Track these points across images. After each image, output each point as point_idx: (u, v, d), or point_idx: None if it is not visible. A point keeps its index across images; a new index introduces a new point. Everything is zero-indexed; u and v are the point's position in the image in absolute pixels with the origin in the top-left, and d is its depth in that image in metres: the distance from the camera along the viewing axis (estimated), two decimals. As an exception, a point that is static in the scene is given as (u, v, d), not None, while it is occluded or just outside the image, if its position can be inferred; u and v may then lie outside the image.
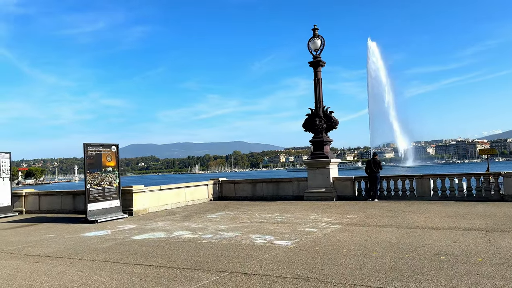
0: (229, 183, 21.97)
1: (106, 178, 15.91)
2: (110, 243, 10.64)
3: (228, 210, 16.77)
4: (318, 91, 19.52)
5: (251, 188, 21.18)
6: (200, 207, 18.74)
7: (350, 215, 13.87)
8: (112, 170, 16.21)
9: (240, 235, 10.77)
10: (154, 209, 17.69)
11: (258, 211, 16.06)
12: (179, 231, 12.00)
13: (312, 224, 12.15)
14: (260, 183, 21.02)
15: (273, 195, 20.47)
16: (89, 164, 15.34)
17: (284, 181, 20.43)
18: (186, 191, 19.87)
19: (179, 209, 18.28)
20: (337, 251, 8.41)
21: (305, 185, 19.51)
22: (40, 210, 18.94)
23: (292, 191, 20.03)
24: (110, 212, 15.76)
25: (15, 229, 14.28)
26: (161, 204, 18.20)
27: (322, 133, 19.29)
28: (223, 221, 13.75)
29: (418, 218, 12.52)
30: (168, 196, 18.65)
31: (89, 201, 15.16)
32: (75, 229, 13.63)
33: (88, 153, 15.33)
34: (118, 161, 16.55)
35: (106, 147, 16.08)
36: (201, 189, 20.92)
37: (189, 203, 19.84)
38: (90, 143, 15.49)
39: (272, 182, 20.73)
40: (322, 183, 18.83)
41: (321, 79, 19.67)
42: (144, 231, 12.43)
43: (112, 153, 16.30)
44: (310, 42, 19.68)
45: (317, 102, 19.51)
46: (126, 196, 16.71)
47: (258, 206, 17.71)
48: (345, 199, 18.66)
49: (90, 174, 15.34)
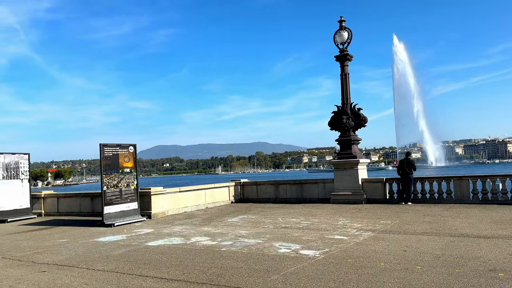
0: (251, 184, 21.08)
1: (124, 180, 15.30)
2: (123, 250, 9.91)
3: (250, 214, 15.87)
4: (345, 86, 18.37)
5: (274, 190, 20.22)
6: (220, 209, 17.92)
7: (383, 220, 12.70)
8: (130, 171, 15.59)
9: (262, 243, 9.83)
10: (173, 212, 16.98)
11: (281, 215, 15.09)
12: (197, 237, 11.17)
13: (341, 231, 11.08)
14: (283, 184, 20.03)
15: (297, 197, 19.44)
16: (105, 165, 14.76)
17: (309, 183, 19.36)
18: (207, 193, 19.10)
19: (199, 211, 17.51)
20: (374, 264, 7.35)
21: (331, 187, 18.39)
22: (59, 212, 18.57)
23: (317, 193, 18.94)
24: (127, 215, 15.14)
25: (31, 233, 13.81)
26: (181, 206, 17.48)
27: (350, 132, 18.13)
28: (244, 225, 12.85)
29: (461, 225, 11.25)
30: (187, 198, 17.92)
31: (106, 203, 14.57)
32: (90, 233, 13.03)
33: (104, 153, 14.75)
34: (136, 162, 15.93)
35: (123, 147, 15.48)
36: (222, 190, 20.11)
37: (209, 206, 19.06)
38: (107, 143, 14.91)
39: (296, 183, 19.70)
40: (350, 185, 17.67)
41: (349, 74, 18.50)
42: (161, 236, 11.67)
43: (130, 154, 15.69)
44: (336, 35, 18.55)
45: (344, 99, 18.36)
46: (144, 198, 16.06)
47: (282, 209, 16.73)
48: (375, 202, 17.44)
49: (107, 176, 14.75)
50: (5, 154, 17.57)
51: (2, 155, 17.46)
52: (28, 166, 18.56)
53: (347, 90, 18.37)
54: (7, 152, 17.65)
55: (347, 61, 18.52)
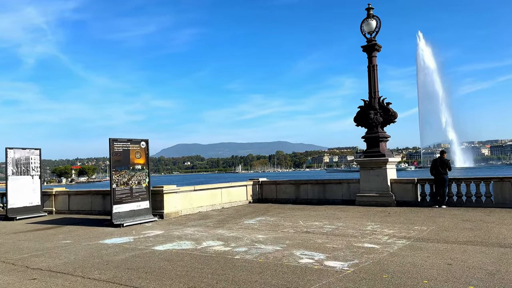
0: (270, 184, 19.93)
1: (135, 177, 14.41)
2: (126, 255, 8.94)
3: (268, 215, 14.73)
4: (372, 79, 16.97)
5: (295, 190, 19.00)
6: (237, 210, 16.84)
7: (417, 226, 11.33)
8: (141, 168, 14.69)
9: (281, 250, 8.67)
10: (187, 212, 16.01)
11: (302, 217, 13.88)
12: (209, 241, 10.11)
13: (371, 238, 9.80)
14: (304, 184, 18.80)
15: (319, 198, 18.17)
16: (115, 161, 13.89)
17: (332, 183, 18.05)
18: (223, 192, 18.06)
19: (214, 212, 16.49)
20: (415, 282, 6.09)
21: (357, 188, 17.04)
22: (70, 210, 17.90)
23: (341, 194, 17.62)
24: (138, 215, 14.25)
25: (35, 232, 13.07)
26: (195, 206, 16.49)
27: (378, 128, 16.73)
28: (262, 229, 11.72)
29: (509, 233, 9.80)
30: (202, 198, 16.93)
31: (115, 202, 13.70)
32: (96, 233, 12.17)
33: (114, 149, 13.89)
34: (148, 159, 15.02)
35: (134, 142, 14.59)
36: (239, 190, 19.04)
37: (225, 205, 18.01)
38: (117, 138, 14.05)
39: (318, 183, 18.43)
40: (377, 185, 16.28)
41: (377, 66, 17.10)
42: (170, 239, 10.67)
43: (142, 150, 14.79)
44: (363, 24, 17.17)
45: (372, 92, 16.96)
46: (156, 197, 15.15)
47: (303, 211, 15.51)
48: (406, 205, 16.00)
49: (117, 173, 13.89)
50: (15, 149, 16.98)
51: (12, 150, 16.88)
52: (40, 162, 17.95)
53: (375, 83, 16.97)
54: (17, 147, 17.07)
55: (375, 52, 17.11)
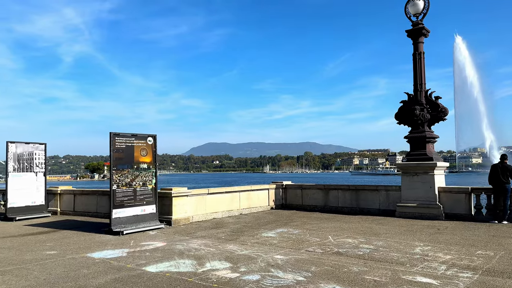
0: (295, 188, 17.74)
1: (139, 177, 12.61)
2: (108, 277, 7.06)
3: (291, 226, 12.56)
4: (419, 69, 14.47)
5: (323, 196, 16.72)
6: (256, 217, 14.77)
7: (480, 249, 8.87)
8: (148, 167, 12.89)
9: (304, 283, 6.52)
10: (200, 218, 14.10)
11: (332, 230, 11.63)
12: (214, 261, 8.08)
13: (423, 267, 7.47)
14: (334, 190, 16.48)
15: (351, 206, 15.82)
16: (116, 158, 12.13)
17: (367, 190, 15.65)
18: (242, 196, 16.03)
19: (230, 219, 14.48)
20: None
21: (397, 196, 14.59)
22: (75, 211, 16.38)
23: (378, 203, 15.20)
24: (142, 221, 12.44)
25: (25, 238, 11.49)
26: (209, 211, 14.55)
27: (424, 126, 14.22)
28: (282, 245, 9.59)
29: None
30: (218, 202, 14.96)
31: (115, 206, 11.94)
32: (89, 243, 10.41)
33: (116, 145, 12.13)
34: (156, 156, 13.20)
35: (140, 138, 12.80)
36: (260, 194, 16.96)
37: (244, 211, 15.98)
38: (119, 133, 12.29)
39: (350, 189, 16.08)
40: (422, 194, 13.78)
41: (424, 53, 14.57)
42: (169, 255, 8.74)
43: (148, 146, 12.98)
44: (408, 5, 14.69)
45: (418, 85, 14.46)
46: (164, 201, 13.32)
47: (332, 223, 13.25)
48: (456, 218, 13.43)
49: (118, 172, 12.13)
50: (17, 143, 15.61)
51: (14, 144, 15.51)
52: (45, 157, 16.54)
53: (422, 73, 14.46)
54: (19, 141, 15.70)
55: (422, 37, 14.60)
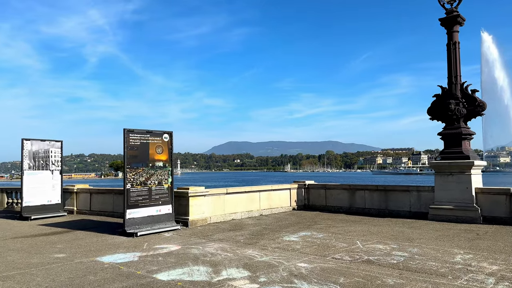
0: (319, 188, 16.83)
1: (154, 176, 12.03)
2: (116, 285, 6.46)
3: (315, 229, 11.71)
4: (453, 60, 13.34)
5: (349, 197, 15.77)
6: (277, 219, 13.98)
7: (533, 261, 7.81)
8: (163, 165, 12.29)
9: (332, 298, 5.71)
10: (218, 219, 13.42)
11: (360, 235, 10.73)
12: (231, 269, 7.35)
13: (468, 279, 6.52)
14: (361, 190, 15.50)
15: (379, 208, 14.82)
16: (130, 156, 11.58)
17: (397, 190, 14.60)
18: (262, 196, 15.26)
19: (250, 220, 13.75)
20: None
21: (430, 198, 13.52)
22: (91, 211, 16.00)
23: (409, 205, 14.15)
24: (157, 221, 11.86)
25: (36, 239, 11.08)
26: (228, 212, 13.86)
27: (460, 122, 13.09)
28: (306, 251, 8.77)
29: None
30: (237, 202, 14.25)
31: (129, 206, 11.39)
32: (101, 245, 9.88)
33: (130, 141, 11.58)
34: (172, 154, 12.59)
35: (155, 135, 12.21)
36: (281, 194, 16.15)
37: (264, 212, 15.21)
38: (133, 129, 11.73)
39: (378, 190, 15.06)
40: (458, 195, 12.68)
41: (459, 43, 13.43)
42: (183, 261, 8.07)
43: (164, 144, 12.39)
44: (442, -10, 13.58)
45: (452, 77, 13.33)
46: (181, 201, 12.70)
47: (360, 225, 12.32)
48: (495, 222, 12.27)
49: (132, 170, 11.57)
50: (32, 140, 15.33)
51: (29, 142, 15.23)
52: (61, 155, 16.23)
53: (457, 65, 13.33)
54: (35, 139, 15.41)
55: (457, 26, 13.46)
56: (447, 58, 13.47)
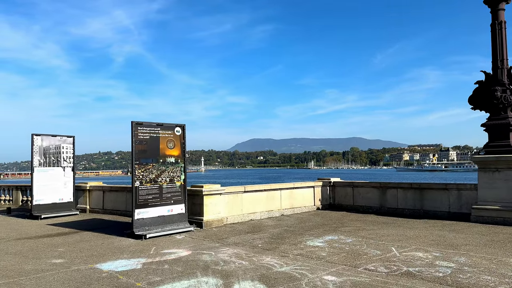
0: (345, 186, 15.53)
1: (166, 173, 11.09)
2: (107, 302, 5.47)
3: (343, 232, 10.49)
4: (499, 42, 11.78)
5: (379, 196, 14.42)
6: (300, 220, 12.81)
7: None
8: (175, 161, 11.34)
9: (368, 326, 4.52)
10: (235, 220, 12.39)
11: (395, 239, 9.43)
12: (245, 282, 6.27)
13: (542, 304, 5.20)
14: (392, 189, 14.11)
15: (413, 208, 13.41)
16: (139, 151, 10.67)
17: (434, 188, 13.15)
18: (283, 194, 14.12)
19: (269, 221, 12.64)
20: None
21: (472, 197, 12.05)
22: (104, 209, 15.28)
23: (447, 204, 12.69)
24: (169, 222, 10.93)
25: (37, 241, 10.33)
26: (246, 212, 12.80)
27: (507, 111, 11.55)
28: (333, 259, 7.59)
29: None
30: (256, 201, 13.17)
31: (138, 205, 10.51)
32: (104, 249, 9.00)
33: (138, 135, 10.67)
34: (185, 149, 11.62)
35: (166, 128, 11.26)
36: (304, 192, 14.96)
37: (286, 212, 14.07)
38: (142, 122, 10.81)
39: (412, 188, 13.64)
40: (506, 195, 11.15)
41: (505, 23, 11.85)
42: (192, 269, 7.05)
43: (176, 138, 11.43)
44: (486, -38, 12.00)
45: (498, 61, 11.78)
46: (195, 200, 11.73)
47: (393, 228, 11.00)
48: (552, 225, 10.70)
49: (141, 167, 10.66)
50: (43, 136, 14.72)
51: (39, 137, 14.62)
52: (73, 151, 15.57)
53: (503, 47, 11.76)
54: (45, 134, 14.78)
55: (503, 3, 11.89)
56: (492, 40, 11.91)
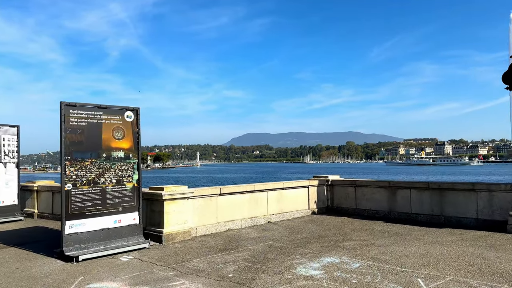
0: (346, 185, 12.89)
1: (111, 171, 8.38)
2: None
3: (345, 251, 7.83)
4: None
5: (388, 198, 11.79)
6: (291, 229, 10.16)
7: None
8: (126, 156, 8.63)
9: None
10: (208, 230, 9.72)
11: (417, 262, 6.78)
12: None
13: None
14: (404, 189, 11.47)
15: (432, 214, 10.79)
16: (72, 143, 7.94)
17: (458, 189, 10.50)
18: (270, 196, 11.46)
19: (252, 231, 9.97)
20: None
21: (507, 200, 9.45)
22: (54, 214, 12.58)
23: (475, 209, 10.08)
24: (116, 237, 8.24)
25: None
26: (222, 220, 10.13)
27: (558, 91, 8.95)
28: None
29: None
30: (235, 206, 10.50)
31: (70, 215, 7.79)
32: (9, 282, 6.30)
33: (70, 121, 7.93)
34: (139, 141, 8.91)
35: (112, 112, 8.52)
36: (296, 193, 12.31)
37: (273, 218, 11.42)
38: (76, 104, 8.06)
39: (430, 189, 11.00)
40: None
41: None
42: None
43: (126, 125, 8.71)
44: None
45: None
46: (154, 206, 9.06)
47: (411, 243, 8.36)
48: None
49: (75, 163, 7.94)
50: (-27, 125, 11.92)
51: (-32, 127, 11.83)
52: (18, 143, 12.82)
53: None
54: (-23, 123, 12.00)
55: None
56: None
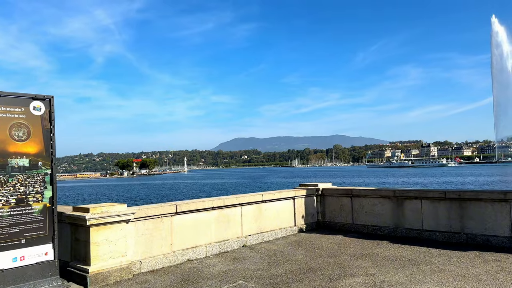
0: (341, 195, 10.46)
1: (8, 187, 5.82)
2: None
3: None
4: None
5: (393, 210, 9.41)
6: (271, 257, 7.69)
7: None
8: (32, 165, 6.07)
9: None
10: (157, 264, 7.17)
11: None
12: None
13: None
14: (414, 199, 9.10)
15: (449, 231, 8.44)
16: None
17: (483, 200, 8.15)
18: (246, 212, 8.95)
19: (219, 261, 7.47)
20: None
21: (555, 214, 7.16)
22: None
23: (508, 225, 7.75)
24: (17, 281, 5.67)
25: None
26: (179, 248, 7.59)
27: None
28: None
29: None
30: (198, 228, 7.97)
31: None
32: None
33: None
34: (53, 143, 6.34)
35: (10, 102, 5.96)
36: (280, 206, 9.84)
37: (250, 241, 8.92)
38: None
39: (447, 199, 8.64)
40: None
41: None
42: None
43: (33, 121, 6.15)
44: None
45: None
46: (77, 233, 6.50)
47: (431, 276, 5.96)
48: None
49: (-51, 177, 5.36)
50: None
51: None
52: None
53: None
54: None
55: None
56: None
